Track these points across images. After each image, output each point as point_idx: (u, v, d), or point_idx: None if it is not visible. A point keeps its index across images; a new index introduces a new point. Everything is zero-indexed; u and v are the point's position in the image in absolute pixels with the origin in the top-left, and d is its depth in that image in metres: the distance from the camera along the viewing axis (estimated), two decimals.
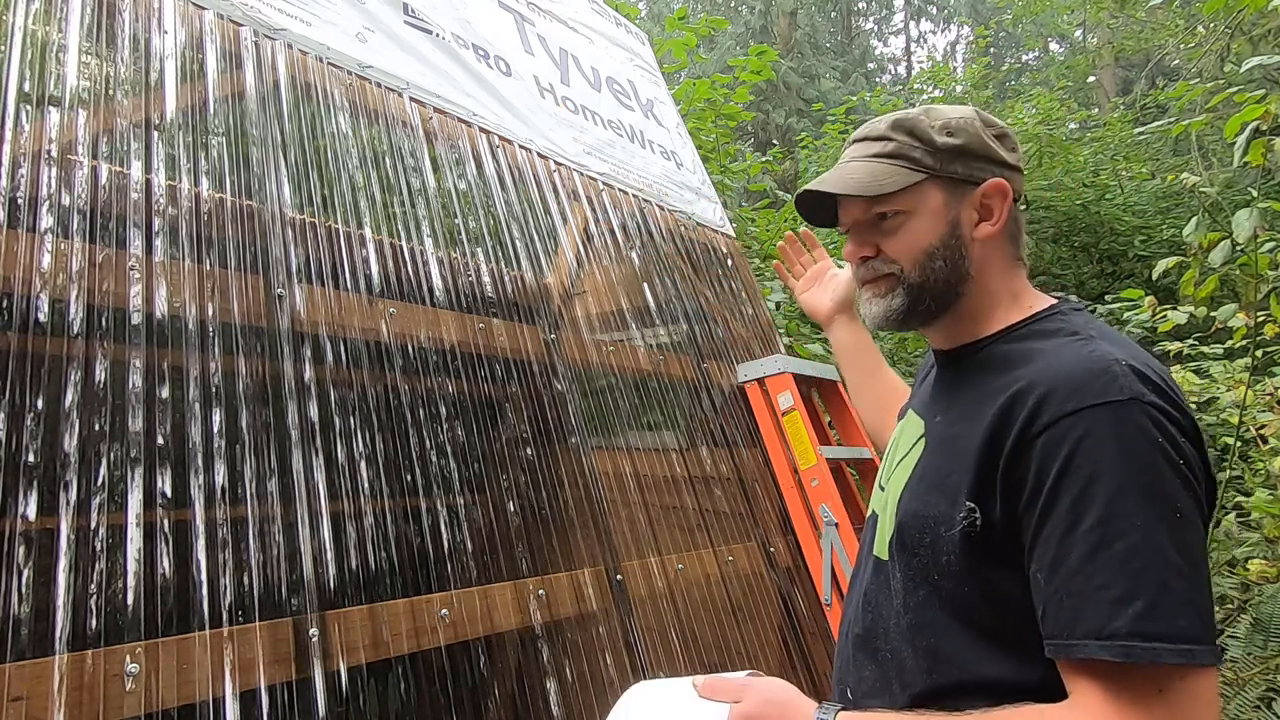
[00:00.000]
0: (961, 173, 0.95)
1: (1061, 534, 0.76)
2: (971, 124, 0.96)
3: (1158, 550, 0.72)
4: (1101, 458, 0.75)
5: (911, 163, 0.95)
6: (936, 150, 0.95)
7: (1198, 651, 0.71)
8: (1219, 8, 4.78)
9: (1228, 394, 3.62)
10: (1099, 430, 0.75)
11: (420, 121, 1.93)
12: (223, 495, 1.22)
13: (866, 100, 10.36)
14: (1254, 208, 2.72)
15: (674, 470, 2.10)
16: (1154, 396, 0.77)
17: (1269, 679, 2.97)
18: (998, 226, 0.96)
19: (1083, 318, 0.93)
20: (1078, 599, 0.74)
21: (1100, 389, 0.77)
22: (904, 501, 0.95)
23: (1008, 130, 1.00)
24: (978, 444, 0.83)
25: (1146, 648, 0.70)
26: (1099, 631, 0.72)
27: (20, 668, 0.97)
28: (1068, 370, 0.81)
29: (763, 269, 5.19)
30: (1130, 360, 0.80)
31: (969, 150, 0.95)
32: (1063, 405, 0.78)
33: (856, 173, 0.97)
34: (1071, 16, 13.58)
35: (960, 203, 0.96)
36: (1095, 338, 0.86)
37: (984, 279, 0.97)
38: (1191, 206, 6.94)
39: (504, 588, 1.57)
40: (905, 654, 0.90)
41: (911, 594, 0.91)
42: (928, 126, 0.95)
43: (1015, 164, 0.98)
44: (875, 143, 0.99)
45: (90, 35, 1.38)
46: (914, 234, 0.96)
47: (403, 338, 1.65)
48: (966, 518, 0.83)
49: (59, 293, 1.16)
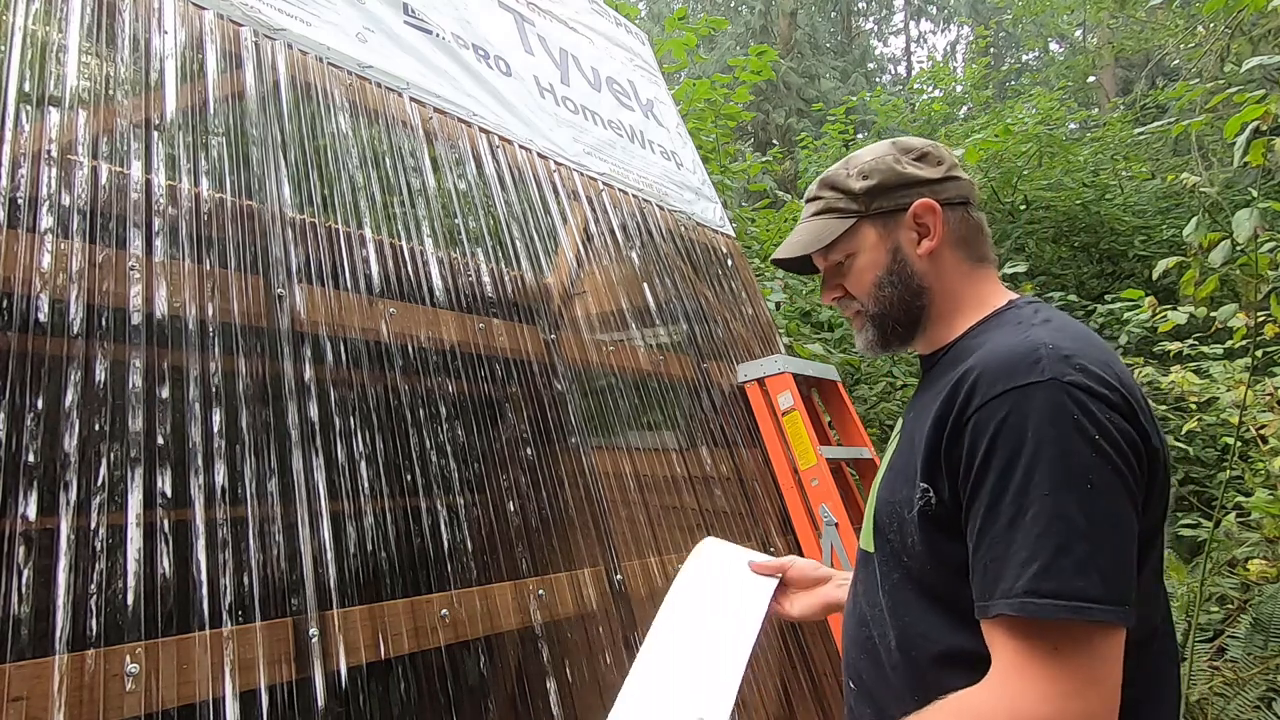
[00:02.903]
0: (887, 206, 1.06)
1: (987, 507, 0.83)
2: (883, 160, 1.07)
3: (1060, 517, 0.78)
4: (1020, 435, 0.81)
5: (840, 212, 1.08)
6: (857, 195, 1.07)
7: (1086, 609, 0.76)
8: (1219, 8, 4.78)
9: (1228, 394, 3.62)
10: (1020, 410, 0.82)
11: (420, 121, 1.93)
12: (223, 495, 1.22)
13: (866, 100, 10.36)
14: (1254, 208, 2.72)
15: (674, 470, 2.10)
16: (1076, 375, 0.83)
17: (1269, 679, 2.97)
18: (936, 240, 1.04)
19: (1032, 308, 0.99)
20: (997, 564, 0.81)
21: (1024, 371, 0.84)
22: (879, 492, 1.03)
23: (929, 148, 1.08)
24: (927, 429, 0.91)
25: (1039, 603, 0.77)
26: (1007, 591, 0.79)
27: (20, 668, 0.97)
28: (999, 356, 0.88)
29: (763, 269, 5.19)
30: (1058, 344, 0.86)
31: (886, 186, 1.06)
32: (991, 388, 0.85)
33: (804, 233, 1.11)
34: (1071, 16, 13.58)
35: (896, 230, 1.06)
36: (1035, 326, 0.93)
37: (942, 286, 1.06)
38: (1191, 206, 6.95)
39: (504, 588, 1.57)
40: (890, 636, 0.97)
41: (887, 578, 0.99)
42: (845, 178, 1.08)
43: (943, 176, 1.06)
44: (812, 203, 1.13)
45: (90, 35, 1.38)
46: (861, 270, 1.08)
47: (403, 338, 1.65)
48: (922, 498, 0.91)
49: (59, 293, 1.16)
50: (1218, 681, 3.04)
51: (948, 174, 1.07)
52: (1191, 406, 3.97)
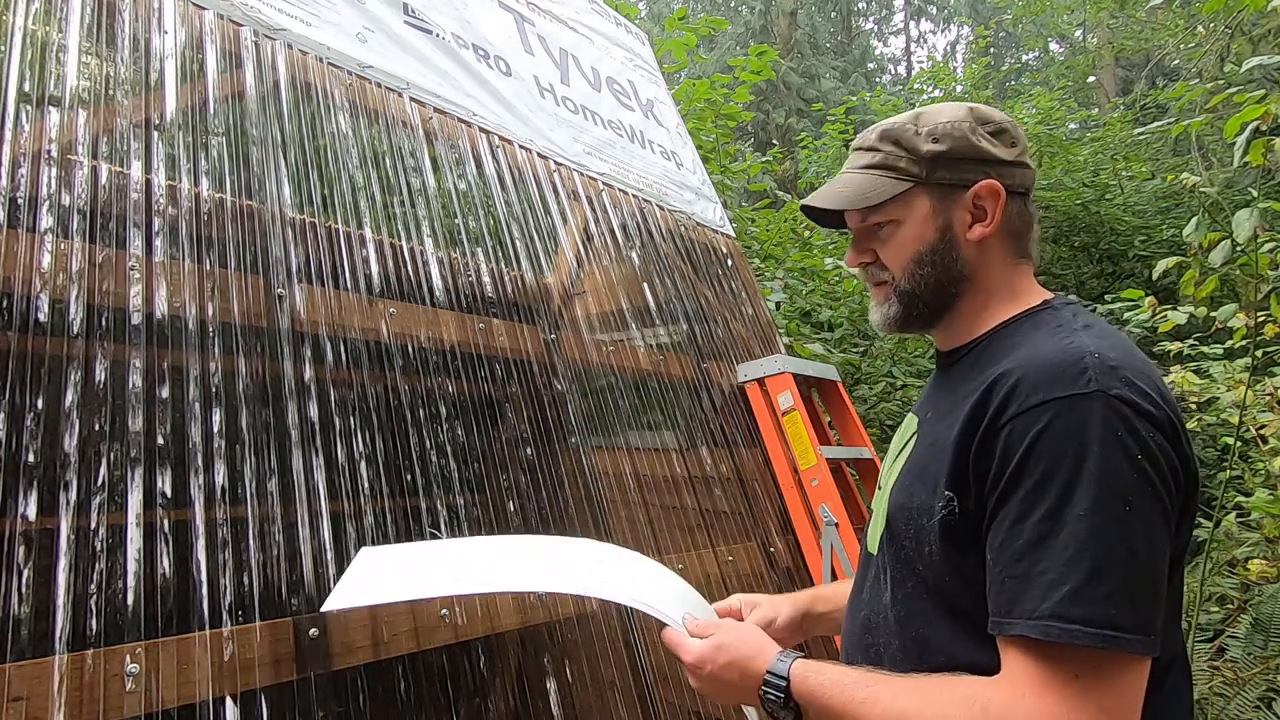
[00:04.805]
0: (949, 178, 0.96)
1: (1014, 520, 0.78)
2: (959, 126, 0.96)
3: (1096, 539, 0.73)
4: (1059, 449, 0.76)
5: (898, 173, 0.97)
6: (921, 159, 0.96)
7: (1117, 639, 0.72)
8: (1219, 8, 4.77)
9: (1228, 394, 3.62)
10: (1061, 421, 0.77)
11: (420, 121, 1.93)
12: (223, 495, 1.22)
13: (866, 100, 10.36)
14: (1254, 208, 2.72)
15: (674, 470, 2.10)
16: (1123, 389, 0.77)
17: (1269, 679, 2.97)
18: (990, 228, 0.95)
19: (1072, 310, 0.93)
20: (1019, 581, 0.76)
21: (1068, 381, 0.78)
22: (893, 496, 0.96)
23: (1008, 125, 0.98)
24: (955, 434, 0.85)
25: (1064, 629, 0.72)
26: (1030, 612, 0.75)
27: (20, 668, 0.97)
28: (1040, 361, 0.82)
29: (763, 269, 5.19)
30: (1104, 354, 0.80)
31: (955, 155, 0.95)
32: (1030, 396, 0.79)
33: (848, 186, 1.00)
34: (1071, 16, 13.58)
35: (951, 207, 0.96)
36: (1078, 330, 0.86)
37: (981, 279, 0.97)
38: (1191, 206, 6.95)
39: None
40: (895, 645, 0.92)
41: (900, 586, 0.93)
42: (913, 135, 0.97)
43: (1014, 159, 0.97)
44: (866, 153, 1.01)
45: (90, 35, 1.38)
46: (903, 242, 0.98)
47: (403, 338, 1.65)
48: (945, 506, 0.85)
49: (59, 293, 1.16)
50: (1218, 681, 3.04)
51: (1018, 158, 0.97)
52: (1191, 407, 3.97)
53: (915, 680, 0.83)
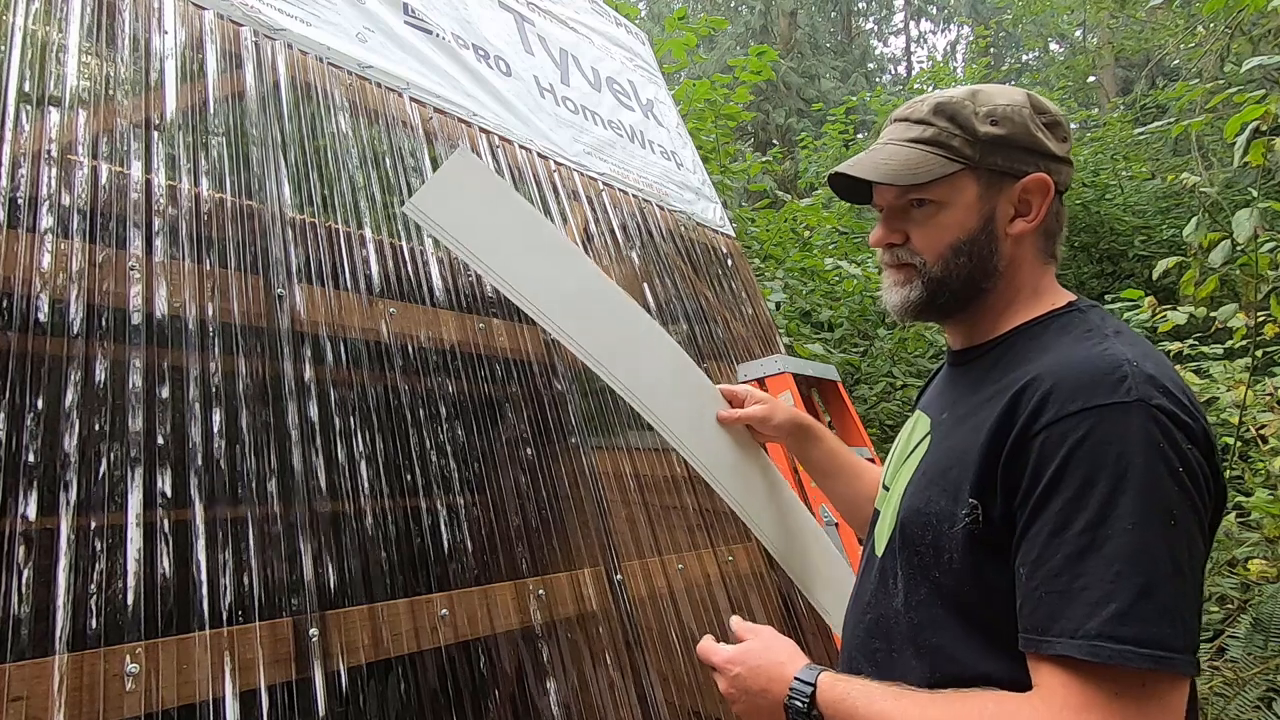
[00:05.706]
0: (1002, 165, 0.90)
1: (1050, 532, 0.75)
2: (1020, 112, 0.91)
3: (1144, 556, 0.71)
4: (1100, 460, 0.73)
5: (950, 151, 0.90)
6: (977, 140, 0.90)
7: (1169, 659, 0.69)
8: (1219, 8, 4.77)
9: (1228, 394, 3.62)
10: (1100, 432, 0.74)
11: (420, 121, 1.93)
12: (223, 495, 1.22)
13: (866, 100, 10.36)
14: (1254, 208, 2.73)
15: (674, 470, 2.10)
16: (1162, 399, 0.75)
17: (1269, 679, 2.97)
18: (1034, 223, 0.91)
19: (1099, 314, 0.90)
20: (1059, 597, 0.73)
21: (1107, 389, 0.75)
22: (906, 499, 0.93)
23: (1060, 118, 0.94)
24: (982, 439, 0.82)
25: (1115, 649, 0.69)
26: (1074, 631, 0.71)
27: (20, 668, 0.97)
28: (1076, 368, 0.79)
29: (763, 269, 5.20)
30: (1141, 362, 0.77)
31: (1012, 141, 0.90)
32: (1067, 403, 0.76)
33: (892, 159, 0.92)
34: (1071, 16, 13.58)
35: (997, 196, 0.91)
36: (1109, 337, 0.83)
37: (1011, 276, 0.93)
38: (1191, 206, 6.95)
39: (504, 588, 1.56)
40: (908, 653, 0.89)
41: (913, 593, 0.89)
42: (971, 114, 0.91)
43: (1064, 155, 0.93)
44: (915, 126, 0.94)
45: (90, 35, 1.38)
46: (943, 227, 0.92)
47: (403, 338, 1.65)
48: (969, 514, 0.82)
49: (59, 293, 1.16)
50: (1218, 681, 3.04)
51: (1066, 155, 0.93)
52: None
53: (945, 696, 0.80)
